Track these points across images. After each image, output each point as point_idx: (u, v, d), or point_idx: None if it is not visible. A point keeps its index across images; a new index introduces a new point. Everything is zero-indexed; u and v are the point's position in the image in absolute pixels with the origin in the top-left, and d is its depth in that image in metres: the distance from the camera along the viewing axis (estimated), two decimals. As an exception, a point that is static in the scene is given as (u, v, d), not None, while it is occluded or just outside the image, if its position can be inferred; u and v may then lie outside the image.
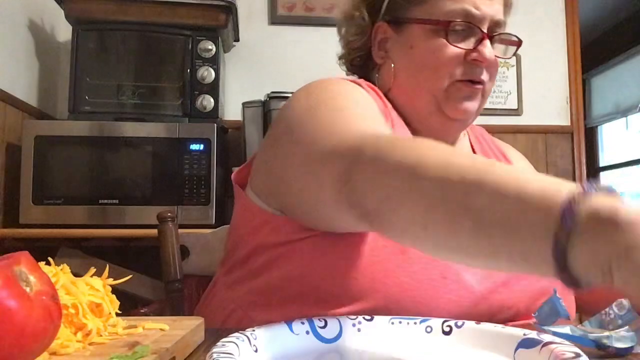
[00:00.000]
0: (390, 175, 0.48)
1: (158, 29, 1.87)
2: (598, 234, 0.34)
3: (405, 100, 0.80)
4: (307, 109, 0.67)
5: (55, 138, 1.70)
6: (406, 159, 0.47)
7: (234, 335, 0.44)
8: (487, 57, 0.74)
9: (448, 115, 0.77)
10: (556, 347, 0.43)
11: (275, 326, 0.49)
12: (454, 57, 0.75)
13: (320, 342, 0.51)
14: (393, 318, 0.54)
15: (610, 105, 4.26)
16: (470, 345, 0.50)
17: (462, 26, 0.75)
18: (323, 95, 0.69)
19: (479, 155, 0.70)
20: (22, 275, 0.41)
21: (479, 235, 0.41)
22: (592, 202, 0.35)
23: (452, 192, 0.43)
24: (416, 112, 0.79)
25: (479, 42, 0.75)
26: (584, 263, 0.35)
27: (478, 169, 0.43)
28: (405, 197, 0.47)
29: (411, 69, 0.79)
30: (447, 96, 0.76)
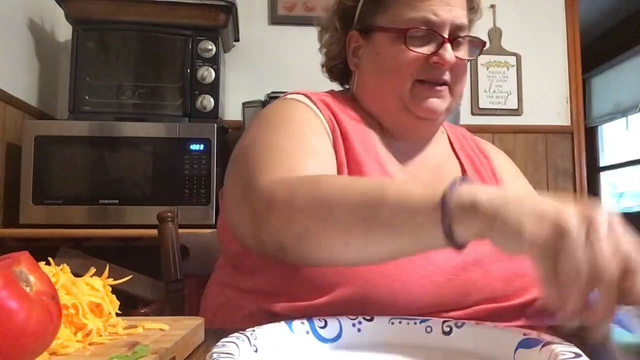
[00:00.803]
0: (304, 214, 0.61)
1: (158, 29, 1.87)
2: (465, 216, 0.51)
3: (375, 102, 0.85)
4: (250, 143, 0.77)
5: (55, 138, 1.70)
6: (314, 198, 0.61)
7: (234, 335, 0.44)
8: (446, 60, 0.79)
9: (415, 113, 0.82)
10: (556, 347, 0.43)
11: (276, 326, 0.49)
12: (414, 60, 0.80)
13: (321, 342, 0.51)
14: (393, 318, 0.54)
15: (610, 105, 4.26)
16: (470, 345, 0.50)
17: (422, 32, 0.80)
18: (265, 129, 0.78)
19: (373, 177, 0.74)
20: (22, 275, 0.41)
21: (390, 238, 0.57)
22: (458, 194, 0.52)
23: (361, 212, 0.57)
24: (386, 113, 0.84)
25: (439, 46, 0.80)
26: (465, 235, 0.52)
27: (375, 189, 0.58)
28: (322, 227, 0.60)
29: (377, 74, 0.84)
30: (412, 96, 0.81)
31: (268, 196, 0.65)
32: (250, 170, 0.71)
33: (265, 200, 0.65)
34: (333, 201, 0.60)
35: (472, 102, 2.41)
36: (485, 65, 2.42)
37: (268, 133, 0.77)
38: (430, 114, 0.82)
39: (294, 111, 0.80)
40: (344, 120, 0.81)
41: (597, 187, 4.48)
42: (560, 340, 0.44)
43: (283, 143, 0.74)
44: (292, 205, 0.62)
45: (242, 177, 0.72)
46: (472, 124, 2.37)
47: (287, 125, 0.77)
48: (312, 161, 0.72)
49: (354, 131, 0.80)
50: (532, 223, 0.47)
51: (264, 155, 0.72)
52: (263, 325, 0.48)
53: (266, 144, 0.75)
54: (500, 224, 0.48)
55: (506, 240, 0.49)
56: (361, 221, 0.58)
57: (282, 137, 0.75)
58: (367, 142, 0.80)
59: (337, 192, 0.60)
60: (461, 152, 0.91)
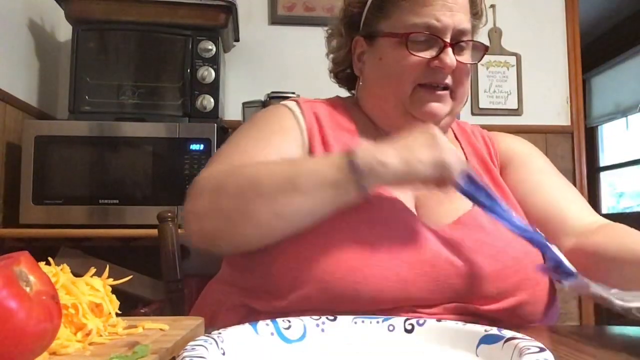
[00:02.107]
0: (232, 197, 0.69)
1: (158, 29, 1.87)
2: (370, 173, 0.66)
3: (377, 106, 0.87)
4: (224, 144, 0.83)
5: (55, 138, 1.70)
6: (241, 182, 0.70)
7: (201, 338, 0.44)
8: (447, 64, 0.80)
9: (416, 117, 0.83)
10: (519, 342, 0.43)
11: (241, 328, 0.50)
12: (416, 64, 0.82)
13: (286, 343, 0.51)
14: (356, 317, 0.54)
15: (610, 105, 4.26)
16: (433, 342, 0.51)
17: (424, 37, 0.82)
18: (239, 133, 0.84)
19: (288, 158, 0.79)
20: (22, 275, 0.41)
21: (313, 201, 0.68)
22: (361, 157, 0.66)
23: (283, 184, 0.67)
24: (387, 116, 0.86)
25: (441, 50, 0.81)
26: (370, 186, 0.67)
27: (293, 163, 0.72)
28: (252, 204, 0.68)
29: (379, 78, 0.86)
30: (412, 100, 0.83)
31: (199, 185, 0.72)
32: (208, 164, 0.78)
33: (197, 189, 0.72)
34: (259, 181, 0.69)
35: (472, 102, 2.41)
36: (485, 65, 2.42)
37: (241, 132, 0.83)
38: (430, 117, 0.83)
39: (271, 117, 0.85)
40: (328, 128, 0.83)
41: (597, 187, 4.48)
42: (522, 336, 0.44)
43: (246, 142, 0.80)
44: (220, 191, 0.70)
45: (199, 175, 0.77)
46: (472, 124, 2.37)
47: (260, 127, 0.83)
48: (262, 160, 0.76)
49: (337, 139, 0.82)
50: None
51: (225, 151, 0.80)
52: (228, 328, 0.48)
53: (234, 142, 0.82)
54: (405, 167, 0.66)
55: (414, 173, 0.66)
56: (284, 192, 0.67)
57: (247, 140, 0.81)
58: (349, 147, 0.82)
59: (262, 173, 0.70)
60: (465, 143, 0.93)
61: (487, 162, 0.90)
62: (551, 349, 0.41)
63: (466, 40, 0.84)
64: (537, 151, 0.96)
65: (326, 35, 0.96)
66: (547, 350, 0.40)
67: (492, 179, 0.87)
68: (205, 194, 0.71)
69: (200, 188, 0.72)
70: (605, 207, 4.49)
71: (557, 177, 0.92)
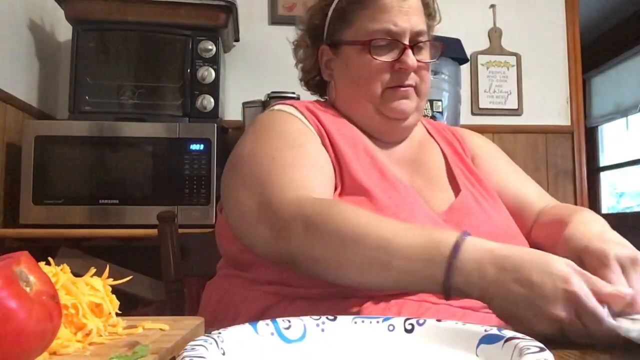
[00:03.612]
0: (321, 244, 0.69)
1: (158, 29, 1.87)
2: (464, 288, 0.61)
3: (351, 109, 0.93)
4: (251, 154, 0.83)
5: (55, 138, 1.70)
6: (330, 231, 0.68)
7: (201, 338, 0.44)
8: (409, 65, 0.87)
9: (387, 115, 0.90)
10: (519, 342, 0.43)
11: (241, 328, 0.50)
12: (380, 68, 0.88)
13: (285, 342, 0.51)
14: (356, 317, 0.54)
15: (610, 105, 4.26)
16: (433, 342, 0.51)
17: (385, 41, 0.88)
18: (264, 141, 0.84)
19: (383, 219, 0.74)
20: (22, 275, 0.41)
21: (397, 283, 0.66)
22: (462, 268, 0.61)
23: (374, 259, 0.65)
24: (362, 117, 0.92)
25: (401, 52, 0.87)
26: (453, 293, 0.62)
27: (385, 239, 0.66)
28: (339, 261, 0.68)
29: (349, 83, 0.92)
30: (382, 101, 0.89)
31: (287, 216, 0.72)
32: (263, 186, 0.77)
33: (284, 220, 0.72)
34: (349, 240, 0.67)
35: (472, 102, 2.41)
36: (485, 65, 2.42)
37: (269, 145, 0.83)
38: (400, 115, 0.90)
39: (288, 123, 0.87)
40: (327, 123, 0.87)
41: (597, 187, 4.48)
42: (522, 336, 0.44)
43: (287, 157, 0.80)
44: (310, 231, 0.69)
45: (258, 193, 0.77)
46: (472, 124, 2.37)
47: (286, 137, 0.84)
48: (318, 175, 0.79)
49: (340, 135, 0.86)
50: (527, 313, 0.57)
51: (274, 170, 0.78)
52: (228, 328, 0.48)
53: (271, 158, 0.80)
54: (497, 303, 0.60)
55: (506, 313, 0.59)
56: (374, 266, 0.66)
57: (284, 150, 0.81)
58: (353, 140, 0.87)
59: (352, 232, 0.67)
60: (439, 137, 1.00)
61: (461, 154, 0.97)
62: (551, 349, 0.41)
63: (424, 41, 0.91)
64: (497, 147, 1.07)
65: (292, 46, 1.02)
66: (547, 350, 0.40)
67: (468, 169, 0.95)
68: (299, 231, 0.70)
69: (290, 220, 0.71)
70: (605, 207, 4.49)
71: (518, 170, 1.03)
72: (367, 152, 0.86)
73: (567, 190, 2.43)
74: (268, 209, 0.75)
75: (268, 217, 0.74)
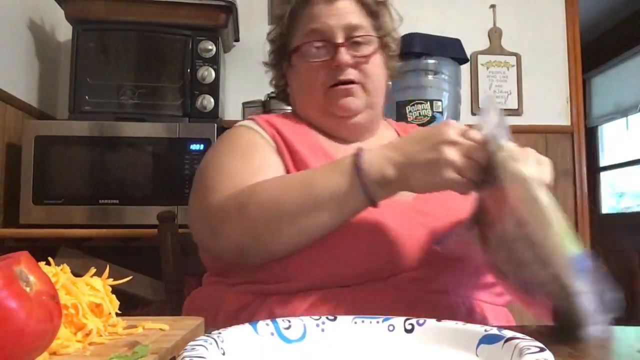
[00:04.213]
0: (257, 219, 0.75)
1: (158, 29, 1.87)
2: (381, 187, 0.72)
3: (305, 113, 0.98)
4: (204, 168, 0.90)
5: (55, 138, 1.69)
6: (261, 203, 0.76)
7: (201, 339, 0.44)
8: (341, 62, 0.90)
9: (335, 114, 0.94)
10: (519, 342, 0.43)
11: (241, 328, 0.50)
12: (318, 70, 0.92)
13: (286, 342, 0.51)
14: (356, 317, 0.54)
15: (610, 105, 4.26)
16: (432, 342, 0.51)
17: (318, 43, 0.93)
18: (217, 154, 0.91)
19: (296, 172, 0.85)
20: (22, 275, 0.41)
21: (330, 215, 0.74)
22: (368, 172, 0.72)
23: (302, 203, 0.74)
24: (314, 119, 0.96)
25: (335, 51, 0.91)
26: (383, 196, 0.73)
27: (304, 182, 0.76)
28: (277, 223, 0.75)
29: (299, 90, 0.99)
30: (327, 101, 0.93)
31: (220, 212, 0.79)
32: (204, 191, 0.84)
33: (219, 216, 0.79)
34: (280, 201, 0.75)
35: (472, 102, 2.41)
36: (485, 65, 2.42)
37: (219, 157, 0.90)
38: (347, 112, 0.93)
39: (241, 136, 0.93)
40: (286, 132, 0.91)
41: (597, 187, 4.48)
42: (522, 336, 0.44)
43: (231, 165, 0.87)
44: (245, 213, 0.76)
45: (199, 199, 0.85)
46: (472, 124, 2.37)
47: (235, 148, 0.90)
48: (257, 177, 0.82)
49: (298, 140, 0.90)
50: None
51: (216, 177, 0.85)
52: (228, 328, 0.48)
53: (217, 167, 0.88)
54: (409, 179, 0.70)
55: (417, 183, 0.70)
56: (306, 210, 0.74)
57: (231, 160, 0.88)
58: (312, 144, 0.91)
59: (281, 192, 0.76)
60: None
61: None
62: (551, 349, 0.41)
63: (360, 35, 0.93)
64: None
65: (266, 70, 1.09)
66: (547, 350, 0.40)
67: None
68: (231, 218, 0.78)
69: (223, 213, 0.79)
70: (605, 207, 4.49)
71: None
72: (325, 154, 0.89)
73: (567, 190, 2.43)
74: (206, 212, 0.82)
75: (206, 218, 0.82)
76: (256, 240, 0.77)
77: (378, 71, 0.95)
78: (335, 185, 0.73)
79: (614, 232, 4.04)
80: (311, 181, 0.76)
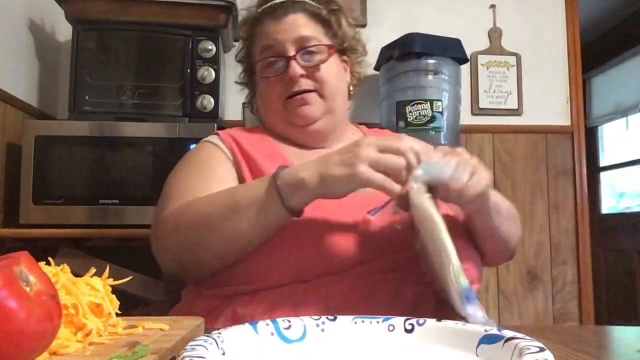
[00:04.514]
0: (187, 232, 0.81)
1: (158, 29, 1.87)
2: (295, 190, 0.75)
3: (270, 126, 1.03)
4: (165, 185, 0.95)
5: (55, 138, 1.69)
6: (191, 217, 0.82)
7: (201, 338, 0.44)
8: (292, 74, 0.95)
9: (295, 123, 0.98)
10: (519, 342, 0.43)
11: (241, 328, 0.50)
12: (274, 84, 0.98)
13: (286, 343, 0.51)
14: (356, 317, 0.54)
15: (610, 105, 4.26)
16: (433, 342, 0.51)
17: (271, 58, 0.98)
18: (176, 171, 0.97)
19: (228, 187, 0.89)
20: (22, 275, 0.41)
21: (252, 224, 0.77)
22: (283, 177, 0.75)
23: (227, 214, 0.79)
24: (278, 130, 1.01)
25: (287, 64, 0.96)
26: (299, 204, 0.76)
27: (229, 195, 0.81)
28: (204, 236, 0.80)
29: (261, 104, 1.04)
30: (286, 112, 0.98)
31: (163, 226, 0.85)
32: (158, 207, 0.90)
33: (161, 230, 0.85)
34: (205, 213, 0.80)
35: (472, 102, 2.41)
36: (485, 65, 2.42)
37: (177, 173, 0.96)
38: (305, 120, 0.98)
39: (200, 152, 0.99)
40: (247, 145, 0.95)
41: (597, 187, 4.48)
42: (522, 336, 0.44)
43: (185, 180, 0.92)
44: (178, 228, 0.82)
45: (154, 214, 0.91)
46: (472, 124, 2.37)
47: (192, 164, 0.96)
48: (206, 192, 0.86)
49: (256, 149, 0.95)
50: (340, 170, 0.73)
51: (170, 192, 0.91)
52: (228, 328, 0.48)
53: (173, 183, 0.93)
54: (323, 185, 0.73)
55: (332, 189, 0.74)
56: (227, 218, 0.78)
57: (184, 176, 0.94)
58: (272, 154, 0.95)
59: (207, 205, 0.81)
60: None
61: None
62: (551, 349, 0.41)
63: (311, 45, 0.97)
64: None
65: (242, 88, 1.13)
66: (547, 350, 0.40)
67: None
68: (168, 233, 0.84)
69: (162, 228, 0.85)
70: (605, 207, 4.49)
71: None
72: (284, 161, 0.93)
73: (567, 190, 2.43)
74: (154, 228, 0.88)
75: (154, 232, 0.87)
76: (189, 253, 0.82)
77: (333, 77, 0.99)
78: (254, 193, 0.78)
79: (614, 232, 4.04)
80: (236, 191, 0.82)
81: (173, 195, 0.89)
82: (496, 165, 2.38)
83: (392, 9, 2.40)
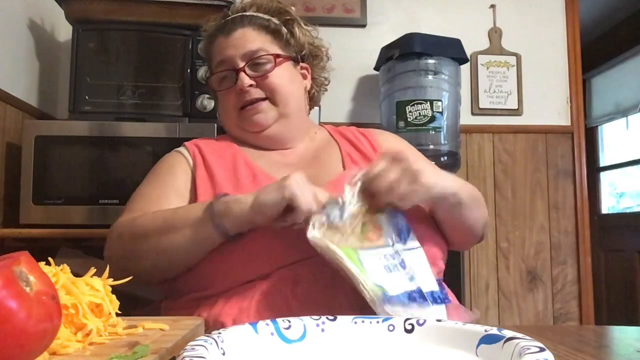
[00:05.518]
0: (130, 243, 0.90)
1: (158, 29, 1.87)
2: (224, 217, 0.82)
3: (231, 132, 1.09)
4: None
5: (55, 138, 1.69)
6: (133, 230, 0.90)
7: (201, 338, 0.44)
8: (241, 86, 1.00)
9: (250, 130, 1.04)
10: (519, 342, 0.43)
11: (241, 328, 0.50)
12: (228, 96, 1.04)
13: (286, 343, 0.51)
14: (356, 317, 0.54)
15: (610, 105, 4.26)
16: (433, 342, 0.51)
17: (224, 73, 1.04)
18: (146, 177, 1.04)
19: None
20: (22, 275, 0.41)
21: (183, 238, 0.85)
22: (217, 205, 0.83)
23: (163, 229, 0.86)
24: (238, 136, 1.07)
25: (237, 77, 1.01)
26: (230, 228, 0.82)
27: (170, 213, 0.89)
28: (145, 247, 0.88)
29: (221, 114, 1.11)
30: (241, 121, 1.04)
31: (110, 233, 0.94)
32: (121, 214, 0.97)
33: (108, 237, 0.94)
34: (145, 226, 0.88)
35: (472, 102, 2.41)
36: (485, 65, 2.42)
37: (142, 184, 1.02)
38: (258, 127, 1.03)
39: (165, 161, 1.05)
40: (209, 153, 1.01)
41: (597, 187, 4.48)
42: (522, 336, 0.44)
43: (145, 190, 1.00)
44: (121, 237, 0.91)
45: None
46: (472, 124, 2.37)
47: (155, 173, 1.03)
48: (161, 201, 0.94)
49: (219, 157, 1.00)
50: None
51: (129, 201, 0.99)
52: (228, 328, 0.48)
53: (135, 192, 1.01)
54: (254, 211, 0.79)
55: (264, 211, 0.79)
56: (162, 232, 0.86)
57: (147, 186, 1.01)
58: (233, 159, 1.00)
59: (149, 221, 0.89)
60: (340, 139, 1.09)
61: (363, 151, 1.05)
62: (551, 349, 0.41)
63: (258, 57, 1.02)
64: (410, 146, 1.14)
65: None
66: (547, 350, 0.40)
67: (368, 161, 1.02)
68: (113, 241, 0.93)
69: (109, 236, 0.94)
70: (605, 207, 4.48)
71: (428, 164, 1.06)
72: (246, 163, 0.99)
73: (567, 190, 2.43)
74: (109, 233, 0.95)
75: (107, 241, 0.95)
76: (128, 261, 0.89)
77: (284, 83, 1.03)
78: (192, 213, 0.85)
79: (614, 232, 4.04)
80: (177, 211, 0.89)
81: (131, 205, 0.98)
82: (496, 165, 2.38)
83: (392, 9, 2.40)
